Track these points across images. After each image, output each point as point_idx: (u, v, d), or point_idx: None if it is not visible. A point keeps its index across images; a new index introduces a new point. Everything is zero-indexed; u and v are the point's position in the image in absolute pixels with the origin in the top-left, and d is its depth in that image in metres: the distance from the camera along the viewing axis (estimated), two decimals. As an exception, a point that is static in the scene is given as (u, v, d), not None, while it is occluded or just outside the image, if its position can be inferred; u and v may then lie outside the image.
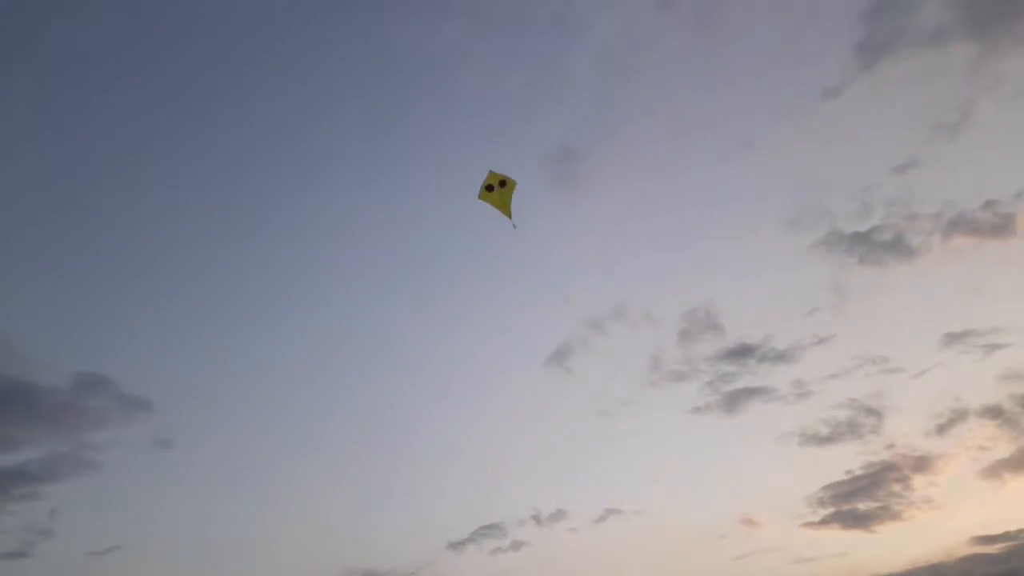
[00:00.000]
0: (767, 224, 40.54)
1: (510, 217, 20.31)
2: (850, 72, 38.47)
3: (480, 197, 20.24)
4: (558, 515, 38.16)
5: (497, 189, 20.12)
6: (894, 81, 38.44)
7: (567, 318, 41.44)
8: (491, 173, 20.32)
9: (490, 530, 37.46)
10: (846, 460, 38.51)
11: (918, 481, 37.54)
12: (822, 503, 38.37)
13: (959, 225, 38.07)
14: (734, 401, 39.31)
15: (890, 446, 38.23)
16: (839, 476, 38.41)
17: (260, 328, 38.82)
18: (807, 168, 40.20)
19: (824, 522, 37.85)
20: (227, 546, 35.62)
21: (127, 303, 36.72)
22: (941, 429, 37.68)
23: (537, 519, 37.96)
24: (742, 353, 39.54)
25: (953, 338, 37.96)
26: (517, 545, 37.29)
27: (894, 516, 37.36)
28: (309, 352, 39.25)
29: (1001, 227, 37.22)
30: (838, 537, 37.18)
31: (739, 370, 39.60)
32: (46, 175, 35.68)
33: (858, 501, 37.83)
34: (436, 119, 40.59)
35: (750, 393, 39.33)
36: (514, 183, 20.26)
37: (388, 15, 38.11)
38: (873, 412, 38.57)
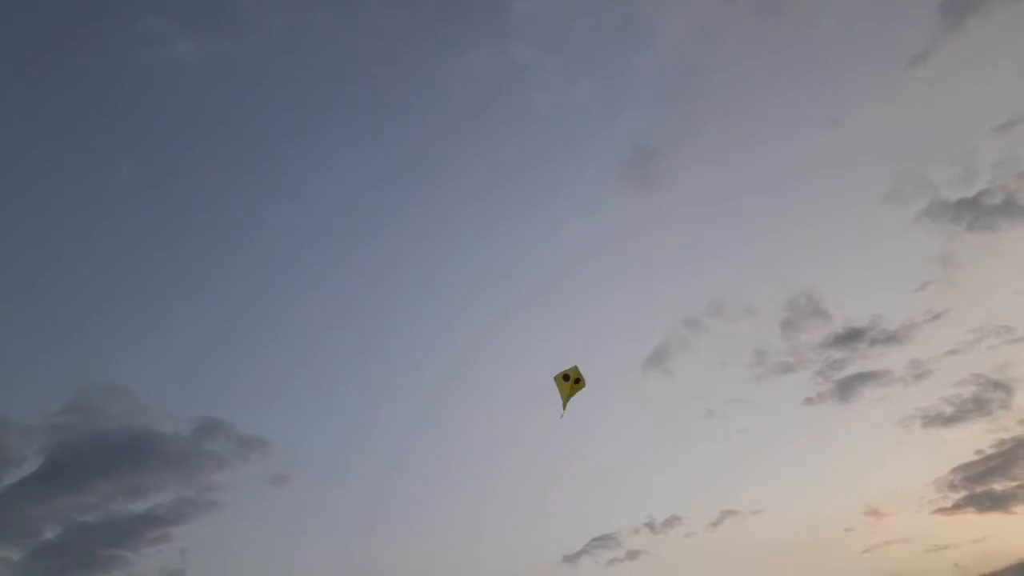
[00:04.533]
0: (863, 201, 39.02)
1: (564, 410, 21.06)
2: (937, 34, 36.66)
3: (555, 379, 20.99)
4: (672, 521, 37.41)
5: (571, 382, 20.79)
6: (986, 37, 36.44)
7: (663, 319, 40.76)
8: (575, 368, 21.15)
9: (604, 541, 37.02)
10: (976, 439, 36.57)
11: (1058, 455, 35.25)
12: (953, 487, 36.45)
13: (1076, 179, 35.63)
14: (848, 388, 37.83)
15: (1023, 420, 36.07)
16: (969, 457, 36.46)
17: (367, 360, 39.54)
18: (900, 139, 38.50)
19: (958, 507, 35.94)
20: (345, 573, 36.34)
21: (240, 348, 38.06)
22: (1080, 397, 35.26)
23: (651, 527, 37.33)
24: (851, 338, 38.04)
25: (1083, 299, 35.55)
26: (633, 554, 36.74)
27: (1034, 494, 35.17)
28: (417, 380, 39.70)
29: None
30: (975, 522, 35.24)
31: (850, 355, 38.10)
32: (158, 232, 37.26)
33: (993, 481, 35.78)
34: (510, 136, 40.61)
35: (864, 378, 37.76)
36: (584, 386, 21.05)
37: (459, 43, 38.38)
38: (1000, 386, 36.42)
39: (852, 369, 38.07)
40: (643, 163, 38.38)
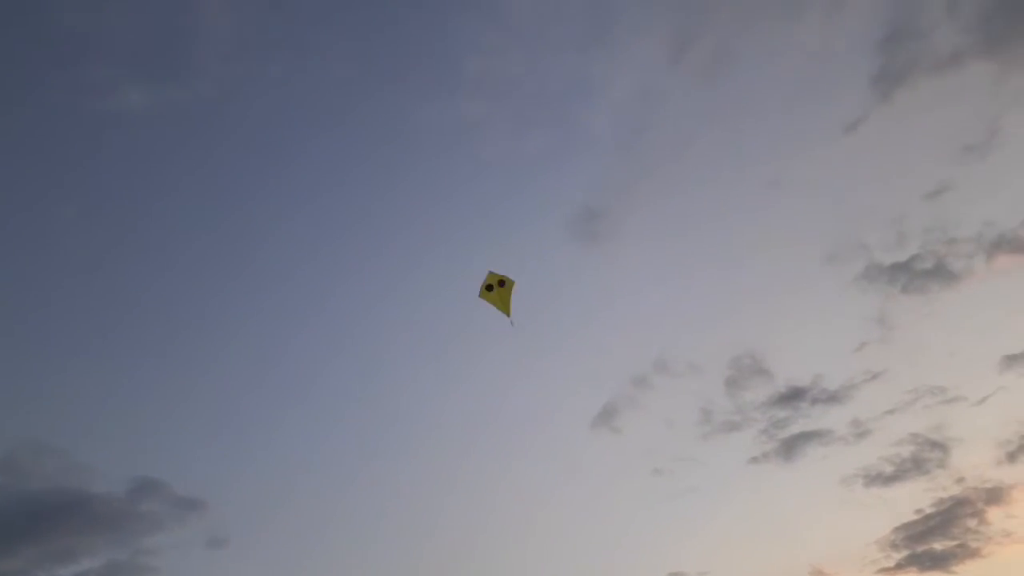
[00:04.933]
0: (804, 262, 40.05)
1: (509, 315, 20.13)
2: (869, 103, 38.34)
3: (480, 296, 20.20)
4: (620, 583, 37.00)
5: (496, 289, 20.09)
6: (914, 107, 38.18)
7: (610, 376, 40.89)
8: (490, 274, 20.29)
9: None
10: (916, 499, 37.13)
11: (994, 514, 35.95)
12: (895, 546, 36.84)
13: (1000, 245, 37.23)
14: (791, 447, 38.30)
15: (960, 480, 36.79)
16: (910, 516, 36.98)
17: (309, 419, 38.84)
18: (837, 203, 39.83)
19: (900, 567, 36.25)
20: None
21: (176, 406, 37.06)
22: (1012, 457, 36.20)
23: (600, 588, 36.82)
24: (793, 397, 38.67)
25: (1012, 360, 36.77)
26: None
27: (973, 553, 35.64)
28: (355, 439, 39.07)
29: (1045, 243, 36.34)
30: (917, 581, 35.57)
31: (792, 415, 38.67)
32: (96, 287, 36.58)
33: (933, 541, 36.27)
34: (459, 191, 41.09)
35: (807, 437, 38.31)
36: (512, 283, 20.25)
37: (408, 96, 39.01)
38: (938, 445, 37.27)
39: (795, 428, 38.68)
40: (590, 219, 39.07)
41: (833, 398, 38.42)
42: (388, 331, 41.26)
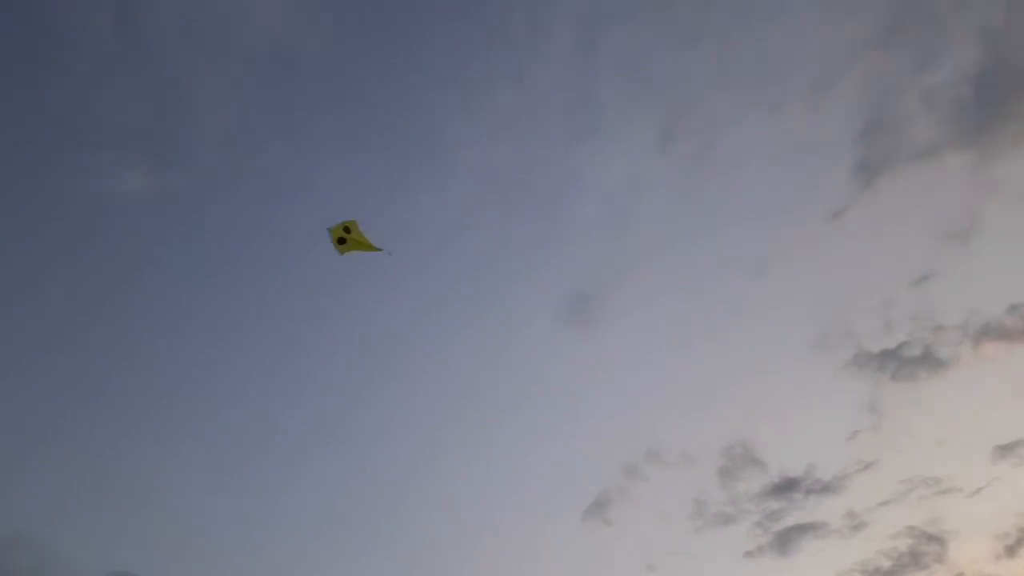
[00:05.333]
0: (792, 350, 39.94)
1: (378, 249, 18.93)
2: (852, 192, 38.91)
3: (342, 253, 18.77)
4: None
5: (348, 238, 18.76)
6: (897, 196, 38.75)
7: (603, 466, 40.15)
8: (331, 230, 18.84)
9: None
10: (915, 596, 36.27)
11: (995, 610, 35.16)
12: (896, 644, 35.81)
13: (987, 332, 37.33)
14: (786, 541, 37.47)
15: (959, 575, 36.07)
16: (909, 613, 36.09)
17: (292, 515, 37.78)
18: (824, 290, 39.97)
19: (902, 665, 35.21)
20: None
21: (158, 501, 36.08)
22: (1011, 550, 35.58)
23: None
24: (787, 487, 38.04)
25: (1004, 450, 36.47)
26: None
27: (975, 651, 34.75)
28: (341, 531, 37.97)
29: (1031, 331, 36.50)
30: None
31: (787, 506, 37.98)
32: (84, 376, 35.98)
33: (935, 638, 35.31)
34: (450, 277, 41.06)
35: (802, 530, 37.53)
36: (354, 221, 18.96)
37: (399, 187, 39.36)
38: (935, 539, 36.58)
39: (790, 520, 37.93)
40: (579, 306, 38.98)
41: (827, 488, 37.86)
42: (370, 423, 40.52)
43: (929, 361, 37.92)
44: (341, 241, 18.44)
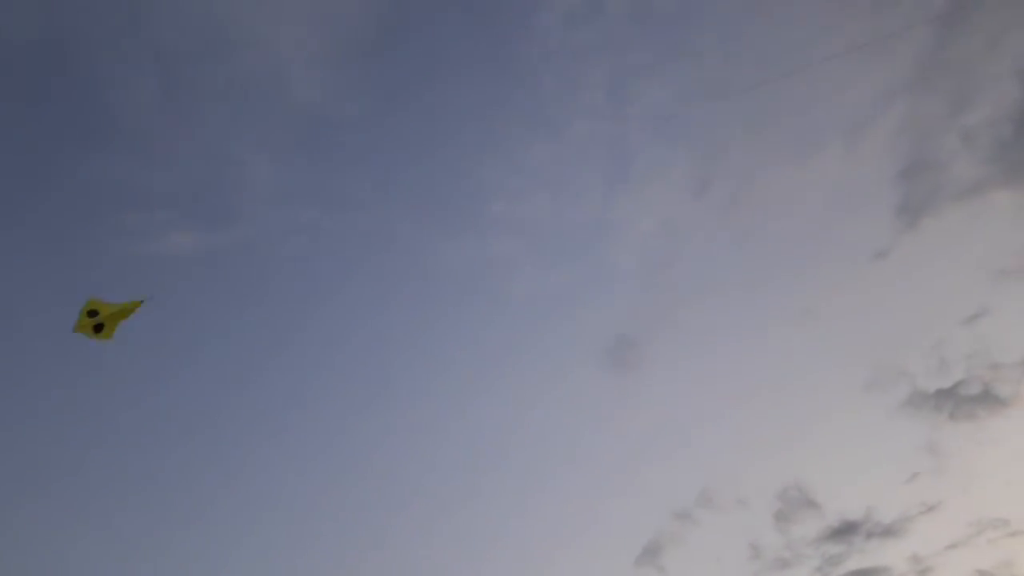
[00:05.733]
0: (844, 391, 39.70)
1: (138, 303, 15.70)
2: (896, 232, 39.17)
3: (107, 339, 15.45)
4: None
5: (103, 320, 15.30)
6: (942, 235, 38.84)
7: (653, 511, 40.06)
8: (79, 327, 15.23)
9: None
10: (991, 643, 34.75)
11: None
12: None
13: (1047, 368, 36.56)
14: (849, 587, 36.52)
15: (1036, 621, 34.44)
16: (987, 662, 34.51)
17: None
18: (874, 331, 39.88)
19: None
20: None
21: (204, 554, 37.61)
22: (1089, 595, 34.00)
23: None
24: (846, 531, 37.31)
25: (1074, 490, 35.29)
26: None
27: None
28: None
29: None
30: None
31: (847, 550, 37.15)
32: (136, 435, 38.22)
33: None
34: (489, 326, 42.46)
35: (864, 575, 36.62)
36: (93, 300, 15.42)
37: (436, 238, 41.37)
38: (1007, 584, 35.19)
39: (851, 564, 37.03)
40: (620, 352, 39.72)
41: (888, 532, 37.01)
42: (417, 470, 41.48)
43: (988, 399, 37.27)
44: (98, 329, 15.32)
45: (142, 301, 15.84)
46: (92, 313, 15.26)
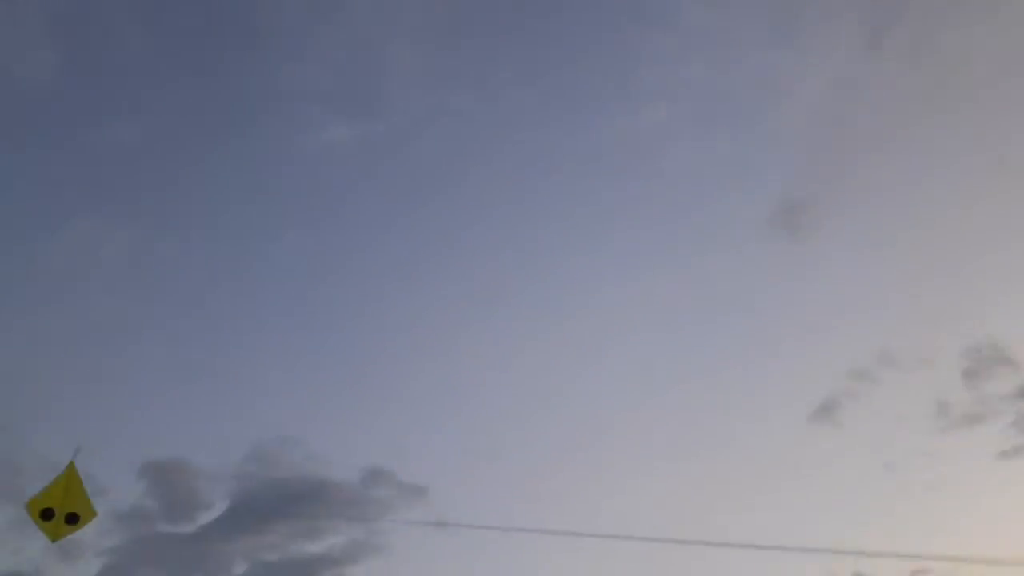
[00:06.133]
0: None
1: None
2: None
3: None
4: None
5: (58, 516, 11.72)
6: None
7: (826, 372, 39.03)
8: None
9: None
10: None
11: None
12: None
13: None
14: (1051, 441, 34.77)
15: None
16: None
17: (537, 418, 40.21)
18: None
19: None
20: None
21: (402, 401, 39.82)
22: None
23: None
24: (1050, 385, 35.30)
25: None
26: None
27: None
28: (589, 443, 39.64)
29: None
30: None
31: (1049, 405, 35.27)
32: (319, 301, 40.84)
33: None
34: (644, 199, 41.92)
35: (1070, 429, 34.72)
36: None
37: (589, 110, 40.87)
38: None
39: (1053, 420, 35.25)
40: (788, 216, 38.12)
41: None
42: (602, 342, 41.80)
43: None
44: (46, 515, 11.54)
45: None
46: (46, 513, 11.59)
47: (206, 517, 32.83)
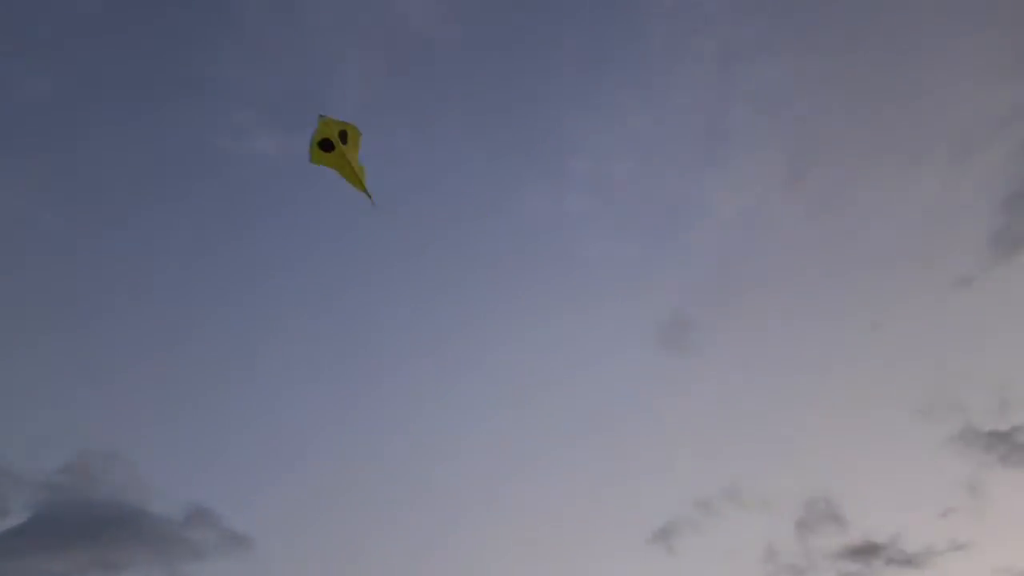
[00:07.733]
0: (895, 413, 38.38)
1: (365, 190, 13.11)
2: (984, 262, 37.41)
3: (314, 160, 12.90)
4: None
5: (339, 146, 12.79)
6: (1032, 273, 37.05)
7: (676, 494, 39.36)
8: (323, 123, 12.80)
9: None
10: None
11: None
12: None
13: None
14: (859, 607, 35.73)
15: None
16: None
17: (365, 473, 38.78)
18: (938, 357, 38.37)
19: None
20: None
21: (247, 443, 37.88)
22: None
23: None
24: (868, 552, 36.34)
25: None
26: None
27: None
28: (421, 515, 38.42)
29: None
30: None
31: (864, 570, 36.18)
32: (190, 316, 38.55)
33: None
34: (558, 284, 41.86)
35: (877, 599, 35.78)
36: (355, 129, 12.98)
37: (516, 185, 40.74)
38: (1024, 636, 34.17)
39: (866, 586, 36.23)
40: (678, 331, 38.88)
41: (911, 562, 35.96)
42: (456, 415, 41.12)
43: (1044, 451, 35.80)
44: (326, 146, 12.76)
45: (368, 195, 13.24)
46: (343, 135, 12.80)
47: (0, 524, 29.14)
